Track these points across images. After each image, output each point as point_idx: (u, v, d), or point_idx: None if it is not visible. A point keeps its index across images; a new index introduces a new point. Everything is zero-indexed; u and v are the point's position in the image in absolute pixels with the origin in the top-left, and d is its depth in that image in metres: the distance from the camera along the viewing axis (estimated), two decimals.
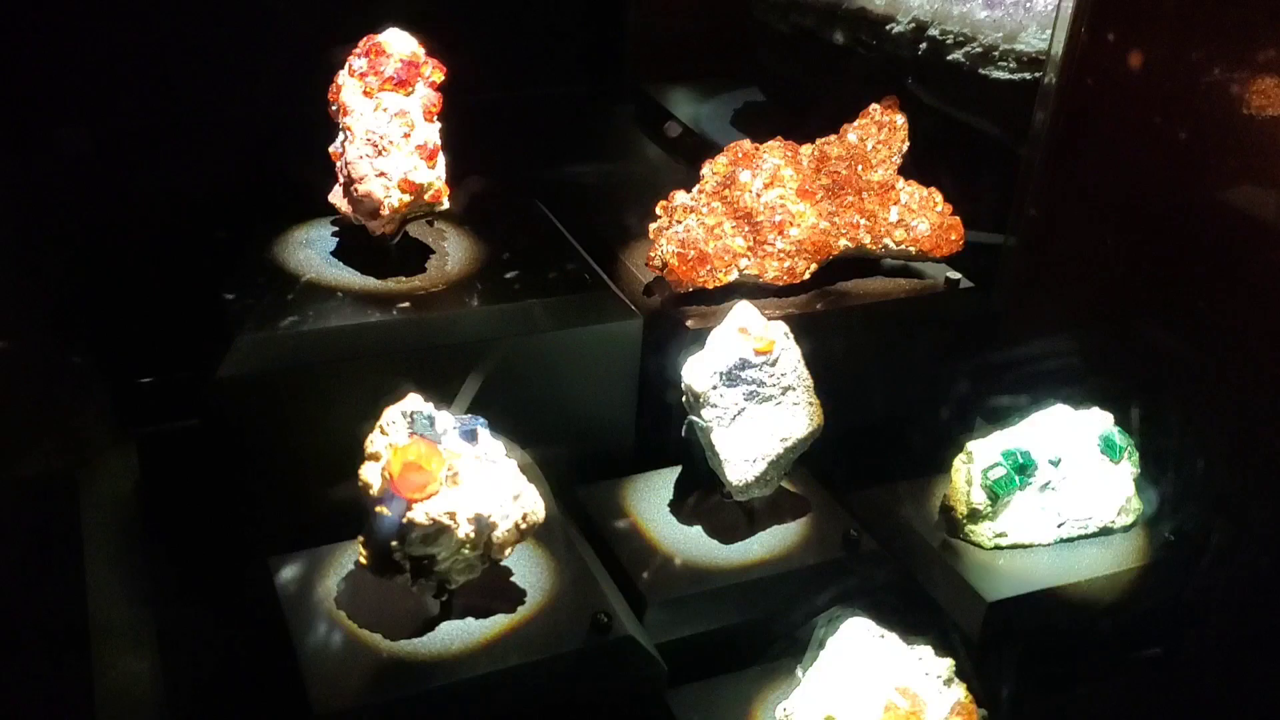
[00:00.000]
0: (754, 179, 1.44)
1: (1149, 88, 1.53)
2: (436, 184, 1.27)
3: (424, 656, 1.05)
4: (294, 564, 1.15)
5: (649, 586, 1.21)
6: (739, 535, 1.30)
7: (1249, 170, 1.42)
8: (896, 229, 1.48)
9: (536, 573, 1.16)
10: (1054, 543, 1.32)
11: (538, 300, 1.34)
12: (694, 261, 1.40)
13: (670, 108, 2.20)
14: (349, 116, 1.27)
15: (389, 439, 1.04)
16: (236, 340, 1.21)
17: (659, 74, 2.25)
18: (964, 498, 1.30)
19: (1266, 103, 1.38)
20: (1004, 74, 1.81)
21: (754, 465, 1.25)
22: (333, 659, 1.05)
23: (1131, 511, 1.35)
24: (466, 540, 1.03)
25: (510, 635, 1.09)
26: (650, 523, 1.31)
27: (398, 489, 1.00)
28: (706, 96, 2.27)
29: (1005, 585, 1.26)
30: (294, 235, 1.42)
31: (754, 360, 1.23)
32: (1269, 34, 1.37)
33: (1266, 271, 1.40)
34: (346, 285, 1.32)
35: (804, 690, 1.08)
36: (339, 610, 1.10)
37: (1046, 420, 1.33)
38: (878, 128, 1.51)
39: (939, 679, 1.09)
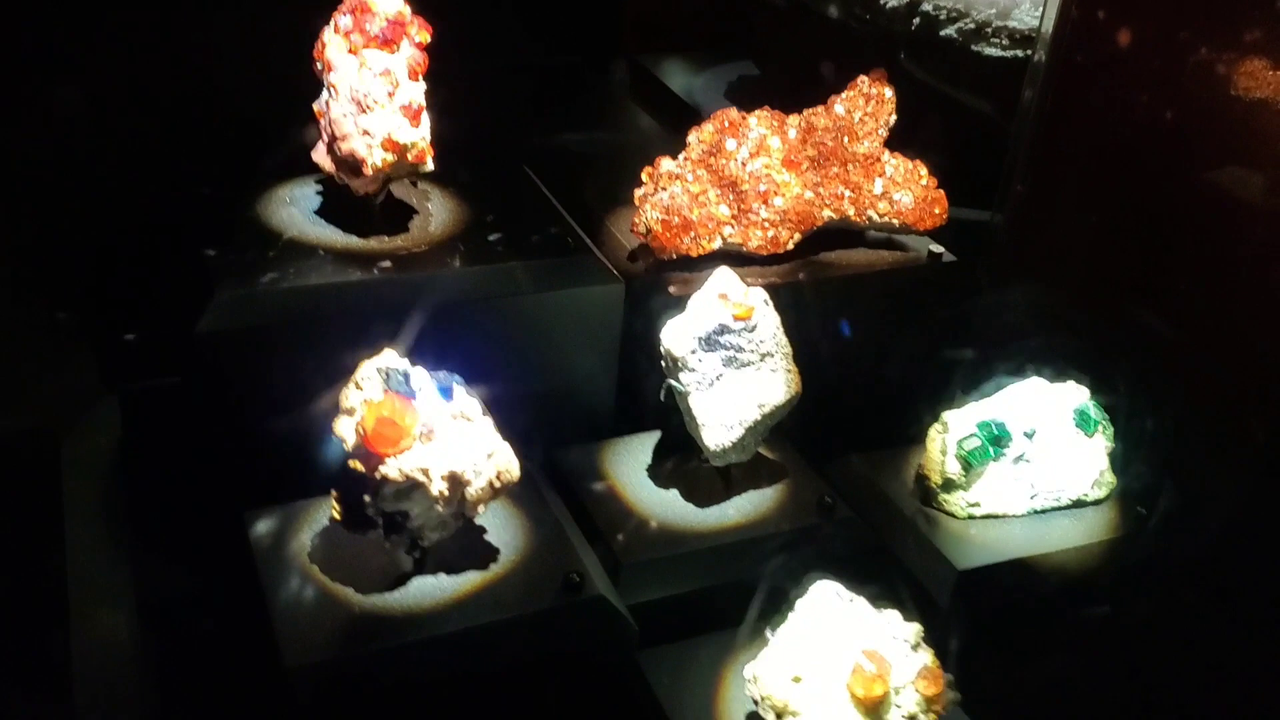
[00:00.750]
0: (740, 148, 1.44)
1: (1137, 66, 1.53)
2: (421, 144, 1.27)
3: (396, 611, 1.06)
4: (269, 518, 1.16)
5: (623, 548, 1.22)
6: (715, 500, 1.31)
7: (1234, 150, 1.42)
8: (880, 201, 1.48)
9: (510, 532, 1.17)
10: (1026, 514, 1.33)
11: (520, 262, 1.34)
12: (678, 228, 1.40)
13: (664, 79, 2.20)
14: (333, 74, 1.27)
15: (364, 394, 1.04)
16: (217, 295, 1.22)
17: (653, 45, 2.25)
18: (939, 467, 1.31)
19: (1252, 83, 1.38)
20: (996, 51, 1.82)
21: (731, 431, 1.25)
22: (305, 613, 1.06)
23: (1104, 485, 1.36)
24: (440, 497, 1.04)
25: (482, 592, 1.09)
26: (627, 486, 1.32)
27: (371, 444, 1.01)
28: (700, 68, 2.27)
29: (977, 554, 1.27)
30: (277, 193, 1.42)
31: (733, 326, 1.24)
32: (1256, 15, 1.37)
33: (1248, 251, 1.41)
34: (328, 243, 1.32)
35: (772, 651, 1.09)
36: (312, 565, 1.10)
37: (1022, 392, 1.34)
38: (865, 100, 1.51)
39: (906, 643, 1.10)
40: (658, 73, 2.21)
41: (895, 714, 1.08)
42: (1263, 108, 1.37)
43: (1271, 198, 1.39)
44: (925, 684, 1.08)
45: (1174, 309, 1.51)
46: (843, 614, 1.10)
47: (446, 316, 1.29)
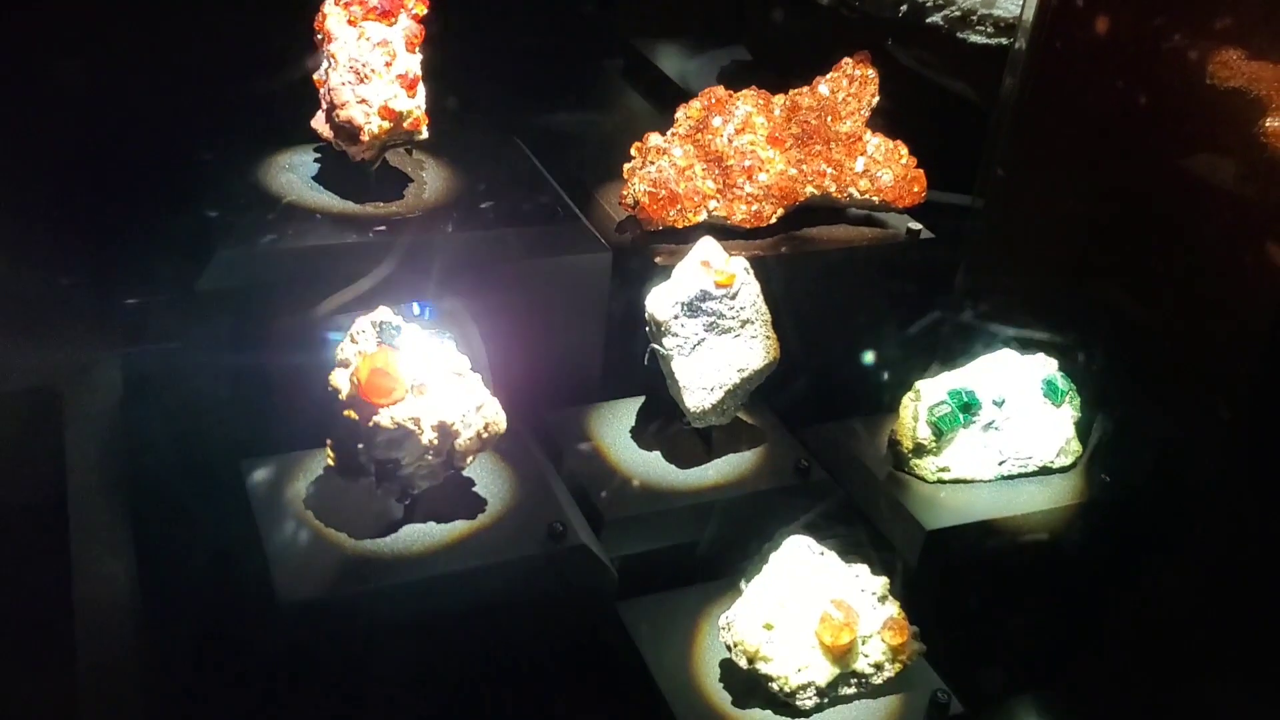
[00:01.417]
0: (726, 124, 1.49)
1: (1112, 54, 1.56)
2: (416, 112, 1.31)
3: (386, 555, 1.11)
4: (265, 467, 1.20)
5: (607, 504, 1.27)
6: (696, 461, 1.36)
7: (1203, 137, 1.46)
8: (861, 179, 1.53)
9: (498, 484, 1.22)
10: (994, 479, 1.38)
11: (511, 229, 1.39)
12: (664, 201, 1.45)
13: (656, 61, 2.23)
14: (333, 44, 1.31)
15: (358, 347, 1.09)
16: (218, 255, 1.26)
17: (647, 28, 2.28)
18: (910, 433, 1.36)
19: (1222, 72, 1.42)
20: (980, 38, 1.85)
21: (711, 393, 1.30)
22: (299, 554, 1.10)
23: (1070, 453, 1.41)
24: (429, 446, 1.08)
25: (469, 539, 1.14)
26: (612, 447, 1.37)
27: (365, 394, 1.06)
28: (693, 53, 2.29)
29: (944, 516, 1.32)
30: (277, 159, 1.46)
31: (715, 292, 1.28)
32: (1226, 5, 1.41)
33: (1215, 234, 1.45)
34: (326, 208, 1.37)
35: (745, 601, 1.14)
36: (307, 510, 1.15)
37: (993, 363, 1.39)
38: (849, 81, 1.56)
39: (874, 595, 1.15)
40: (650, 55, 2.25)
41: (862, 662, 1.13)
42: (1232, 95, 1.40)
43: (1239, 183, 1.43)
44: (891, 634, 1.14)
45: (1144, 288, 1.55)
46: (813, 566, 1.15)
47: (438, 280, 1.34)
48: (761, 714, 1.12)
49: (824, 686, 1.11)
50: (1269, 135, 1.38)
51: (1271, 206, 1.38)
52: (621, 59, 2.26)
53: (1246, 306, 1.41)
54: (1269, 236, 1.38)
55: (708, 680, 1.15)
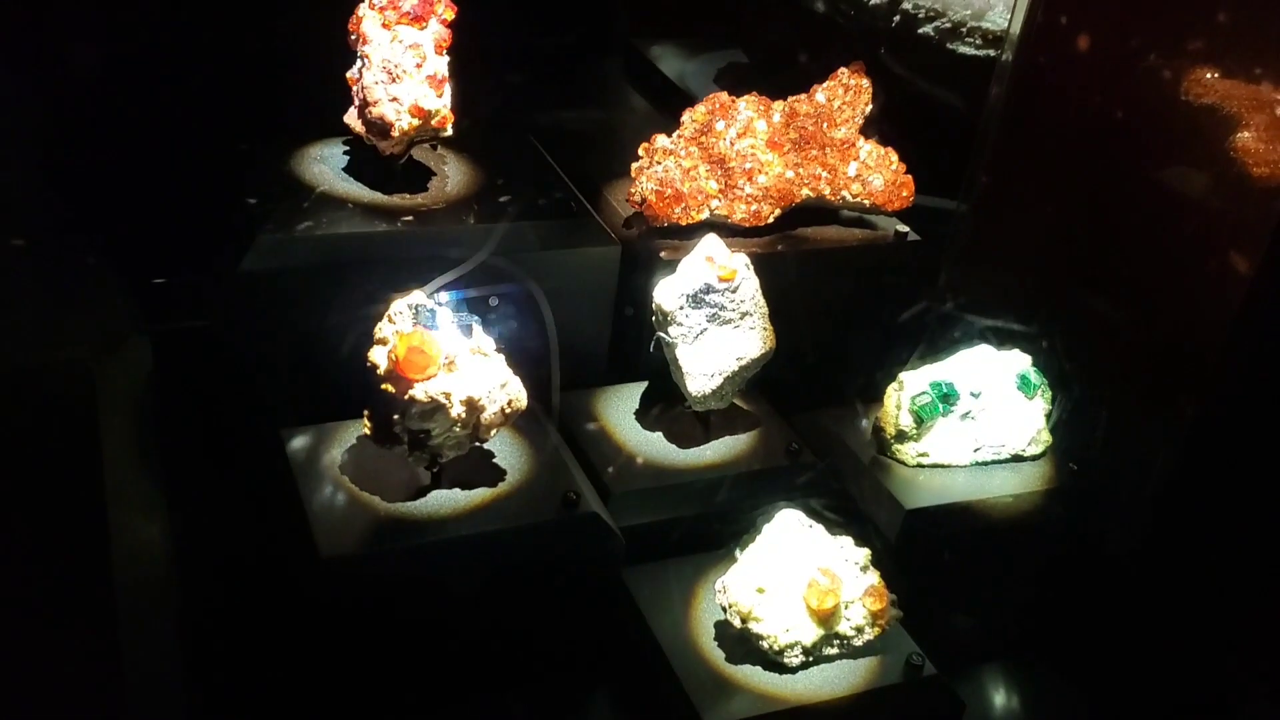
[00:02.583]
0: (728, 128, 1.58)
1: (1092, 69, 1.63)
2: (443, 111, 1.40)
3: (417, 517, 1.22)
4: (303, 435, 1.30)
5: (613, 479, 1.38)
6: (695, 442, 1.46)
7: (1176, 150, 1.52)
8: (854, 183, 1.62)
9: (517, 456, 1.32)
10: (970, 465, 1.48)
11: (528, 222, 1.48)
12: (670, 199, 1.54)
13: (657, 63, 2.30)
14: (368, 45, 1.40)
15: (395, 327, 1.19)
16: (258, 239, 1.35)
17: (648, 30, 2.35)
18: (893, 420, 1.46)
19: (1197, 88, 1.48)
20: (969, 49, 1.91)
21: (712, 380, 1.40)
22: (338, 514, 1.20)
23: (1041, 442, 1.51)
24: (458, 419, 1.19)
25: (491, 505, 1.25)
26: (617, 427, 1.47)
27: (402, 370, 1.16)
28: (692, 54, 2.34)
29: (923, 497, 1.42)
30: (309, 152, 1.55)
31: (717, 286, 1.38)
32: (1201, 25, 1.48)
33: (1185, 243, 1.52)
34: (356, 198, 1.46)
35: (740, 567, 1.25)
36: (343, 475, 1.25)
37: (971, 357, 1.49)
38: (844, 89, 1.64)
39: (856, 565, 1.26)
40: (652, 58, 2.32)
41: (845, 624, 1.24)
42: (1205, 111, 1.47)
43: (1209, 194, 1.49)
44: (871, 600, 1.25)
45: (1117, 292, 1.62)
46: (803, 537, 1.26)
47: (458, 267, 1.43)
48: (752, 669, 1.23)
49: (809, 646, 1.22)
50: (1239, 150, 1.45)
51: (1236, 217, 1.46)
52: (624, 60, 2.34)
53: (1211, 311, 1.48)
54: (1232, 245, 1.45)
55: (704, 639, 1.26)
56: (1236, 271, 1.45)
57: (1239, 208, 1.45)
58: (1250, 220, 1.43)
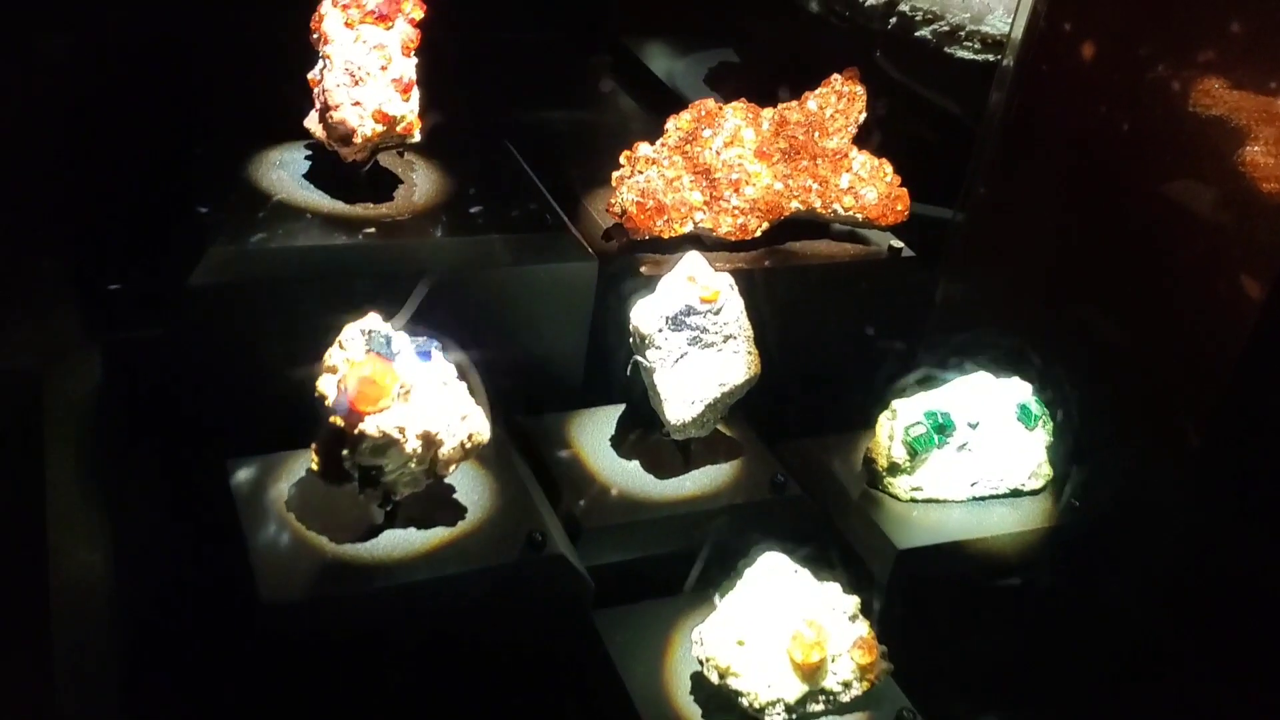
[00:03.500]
0: (715, 137, 1.50)
1: (1097, 78, 1.58)
2: (409, 117, 1.32)
3: (366, 560, 1.13)
4: (249, 467, 1.21)
5: (584, 513, 1.29)
6: (674, 472, 1.38)
7: (1184, 164, 1.47)
8: (846, 195, 1.55)
9: (479, 492, 1.23)
10: (966, 500, 1.40)
11: (498, 235, 1.40)
12: (652, 211, 1.46)
13: (647, 61, 2.24)
14: (329, 45, 1.31)
15: (346, 354, 1.10)
16: (209, 251, 1.27)
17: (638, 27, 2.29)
18: (885, 452, 1.38)
19: (1205, 101, 1.43)
20: (968, 54, 1.86)
21: (692, 406, 1.32)
22: (281, 556, 1.12)
23: (1041, 476, 1.43)
24: (413, 454, 1.10)
25: (449, 546, 1.16)
26: (591, 455, 1.38)
27: (351, 401, 1.07)
28: (682, 53, 2.30)
29: (916, 535, 1.34)
30: (268, 156, 1.47)
31: (699, 307, 1.30)
32: (1210, 36, 1.43)
33: (1191, 261, 1.46)
34: (316, 207, 1.37)
35: (719, 616, 1.16)
36: (289, 512, 1.16)
37: (969, 385, 1.41)
38: (837, 97, 1.57)
39: (844, 614, 1.18)
40: (641, 55, 2.25)
41: (831, 679, 1.15)
42: (1213, 124, 1.42)
43: (1219, 212, 1.44)
44: (860, 653, 1.16)
45: (1120, 313, 1.56)
46: (787, 584, 1.17)
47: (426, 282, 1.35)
48: None
49: (793, 704, 1.13)
50: (1247, 165, 1.40)
51: (1247, 236, 1.40)
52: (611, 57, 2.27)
53: (1219, 334, 1.42)
54: (1242, 266, 1.40)
55: (679, 692, 1.17)
56: (1247, 295, 1.40)
57: (1250, 227, 1.40)
58: (1262, 241, 1.38)
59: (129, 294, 1.59)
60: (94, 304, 1.60)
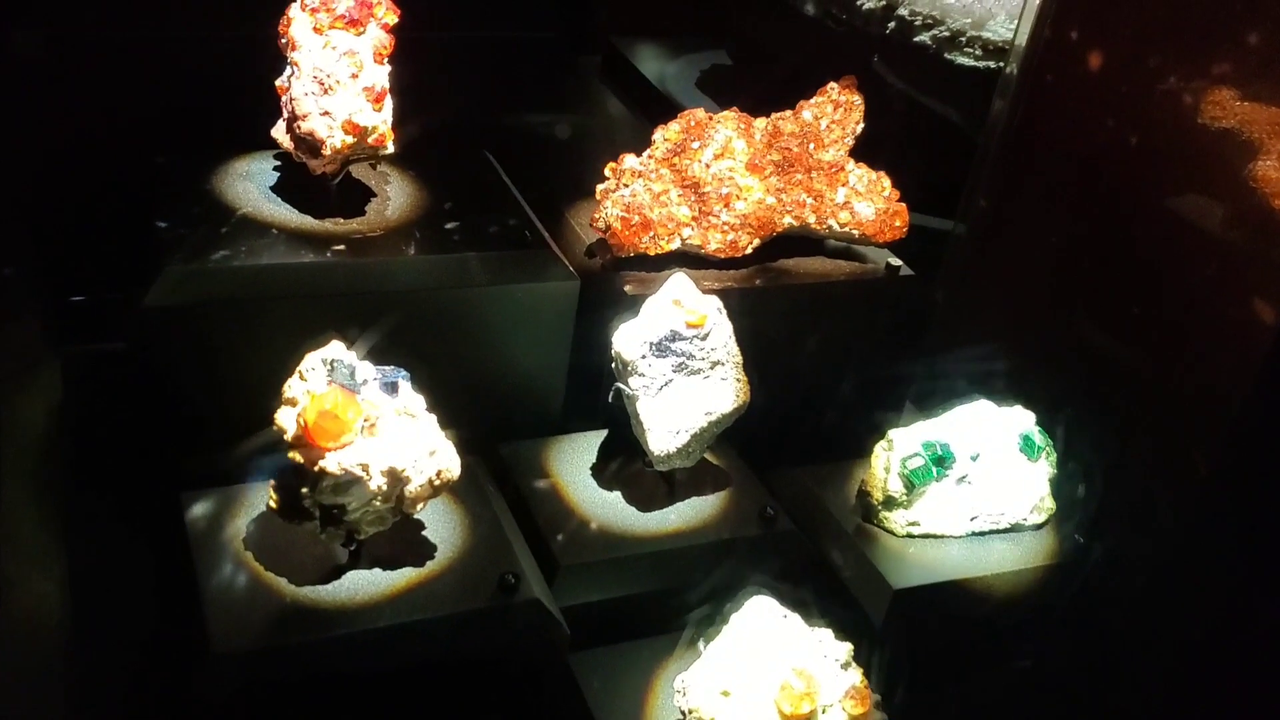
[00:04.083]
0: (704, 149, 1.44)
1: (1105, 89, 1.53)
2: (382, 128, 1.26)
3: (328, 604, 1.06)
4: (206, 501, 1.14)
5: (562, 549, 1.22)
6: (657, 504, 1.31)
7: (1195, 180, 1.43)
8: (842, 211, 1.48)
9: (449, 528, 1.17)
10: (965, 535, 1.34)
11: (475, 254, 1.33)
12: (637, 227, 1.39)
13: (637, 63, 2.19)
14: (297, 52, 1.25)
15: (307, 385, 1.03)
16: (165, 270, 1.20)
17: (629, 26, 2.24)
18: (881, 484, 1.31)
19: (1218, 113, 1.39)
20: (969, 60, 1.82)
21: (677, 436, 1.25)
22: (236, 600, 1.05)
23: (1044, 510, 1.37)
24: (378, 492, 1.03)
25: (416, 589, 1.09)
26: (570, 485, 1.31)
27: (311, 436, 1.00)
28: (675, 54, 2.26)
29: (913, 574, 1.28)
30: (235, 166, 1.40)
31: (685, 333, 1.23)
32: (1223, 48, 1.38)
33: (1202, 282, 1.41)
34: (282, 223, 1.31)
35: (703, 664, 1.09)
36: (246, 551, 1.09)
37: (969, 414, 1.35)
38: (834, 107, 1.51)
39: (837, 662, 1.11)
40: (630, 55, 2.20)
41: None
42: (1223, 137, 1.37)
43: (1228, 229, 1.39)
44: (853, 704, 1.09)
45: (1126, 335, 1.51)
46: (776, 630, 1.11)
47: (398, 304, 1.28)
48: None
49: None
50: (1259, 180, 1.35)
51: (1257, 255, 1.36)
52: (600, 57, 2.22)
53: (1229, 359, 1.37)
54: (1255, 288, 1.34)
55: None
56: (1260, 319, 1.35)
57: (1263, 247, 1.36)
58: (1276, 261, 1.33)
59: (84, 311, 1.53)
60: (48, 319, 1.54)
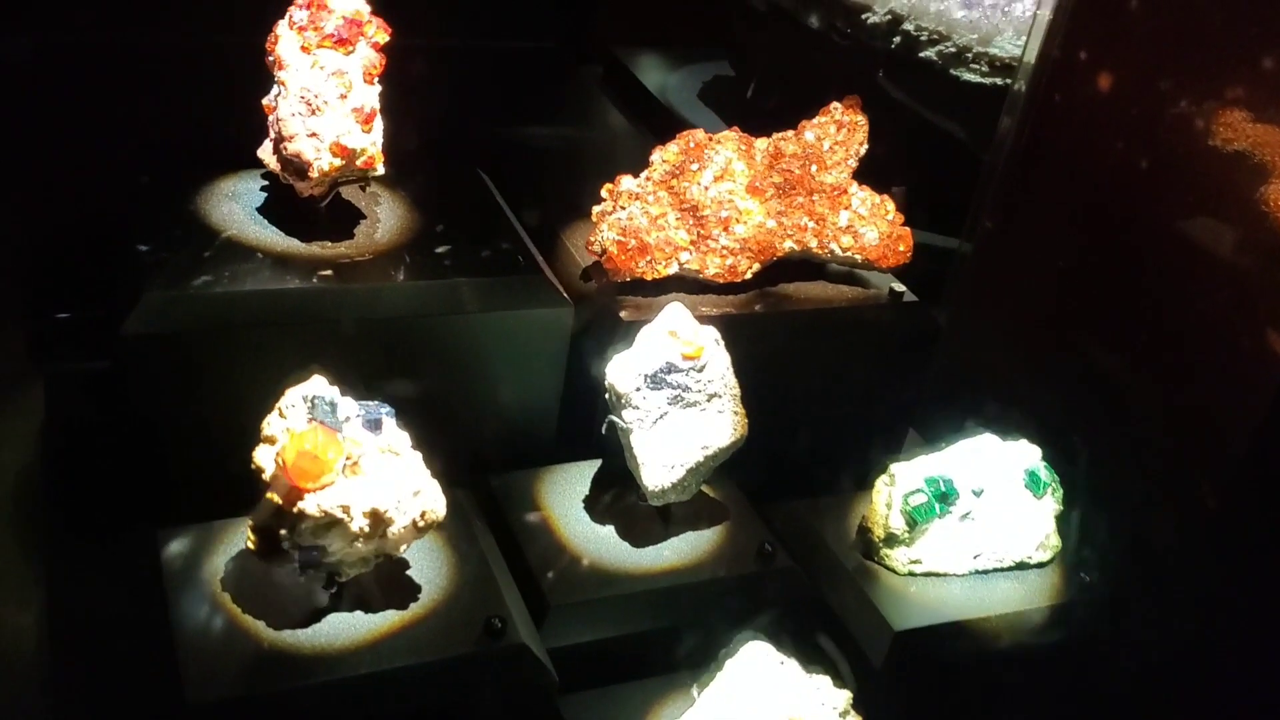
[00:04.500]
0: (703, 171, 1.40)
1: (1115, 111, 1.50)
2: (371, 150, 1.22)
3: (307, 650, 1.02)
4: (182, 539, 1.10)
5: (552, 588, 1.18)
6: (652, 539, 1.27)
7: (1206, 204, 1.39)
8: (844, 235, 1.44)
9: (435, 567, 1.13)
10: (968, 574, 1.30)
11: (466, 279, 1.29)
12: (634, 251, 1.36)
13: (637, 73, 2.15)
14: (284, 71, 1.21)
15: (287, 423, 0.99)
16: (145, 296, 1.16)
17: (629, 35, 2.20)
18: (882, 521, 1.28)
19: (1227, 137, 1.36)
20: (975, 77, 1.79)
21: (672, 471, 1.21)
22: (212, 644, 1.01)
23: (1049, 548, 1.33)
24: (360, 534, 0.99)
25: (399, 634, 1.05)
26: (562, 519, 1.27)
27: (290, 477, 0.96)
28: (675, 65, 2.23)
29: (914, 615, 1.24)
30: (221, 186, 1.36)
31: (681, 365, 1.20)
32: (1236, 71, 1.35)
33: (1214, 312, 1.38)
34: (268, 246, 1.27)
35: (697, 712, 1.06)
36: (224, 593, 1.05)
37: (973, 449, 1.31)
38: (837, 127, 1.47)
39: (835, 710, 1.07)
40: (631, 65, 2.17)
41: None
42: (1238, 161, 1.34)
43: (1241, 257, 1.36)
44: None
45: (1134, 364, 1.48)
46: (772, 677, 1.07)
47: (385, 332, 1.24)
48: None
49: None
50: (1271, 204, 1.32)
51: (1269, 282, 1.32)
52: (601, 67, 2.19)
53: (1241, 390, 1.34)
54: (1269, 318, 1.31)
55: None
56: (1273, 349, 1.32)
57: (1277, 274, 1.32)
58: None
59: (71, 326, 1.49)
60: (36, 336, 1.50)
